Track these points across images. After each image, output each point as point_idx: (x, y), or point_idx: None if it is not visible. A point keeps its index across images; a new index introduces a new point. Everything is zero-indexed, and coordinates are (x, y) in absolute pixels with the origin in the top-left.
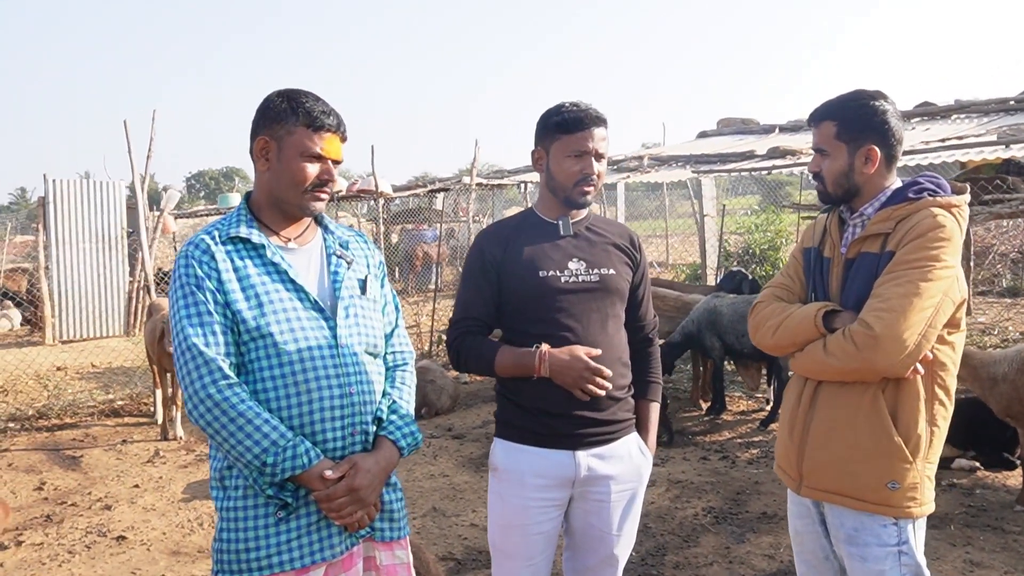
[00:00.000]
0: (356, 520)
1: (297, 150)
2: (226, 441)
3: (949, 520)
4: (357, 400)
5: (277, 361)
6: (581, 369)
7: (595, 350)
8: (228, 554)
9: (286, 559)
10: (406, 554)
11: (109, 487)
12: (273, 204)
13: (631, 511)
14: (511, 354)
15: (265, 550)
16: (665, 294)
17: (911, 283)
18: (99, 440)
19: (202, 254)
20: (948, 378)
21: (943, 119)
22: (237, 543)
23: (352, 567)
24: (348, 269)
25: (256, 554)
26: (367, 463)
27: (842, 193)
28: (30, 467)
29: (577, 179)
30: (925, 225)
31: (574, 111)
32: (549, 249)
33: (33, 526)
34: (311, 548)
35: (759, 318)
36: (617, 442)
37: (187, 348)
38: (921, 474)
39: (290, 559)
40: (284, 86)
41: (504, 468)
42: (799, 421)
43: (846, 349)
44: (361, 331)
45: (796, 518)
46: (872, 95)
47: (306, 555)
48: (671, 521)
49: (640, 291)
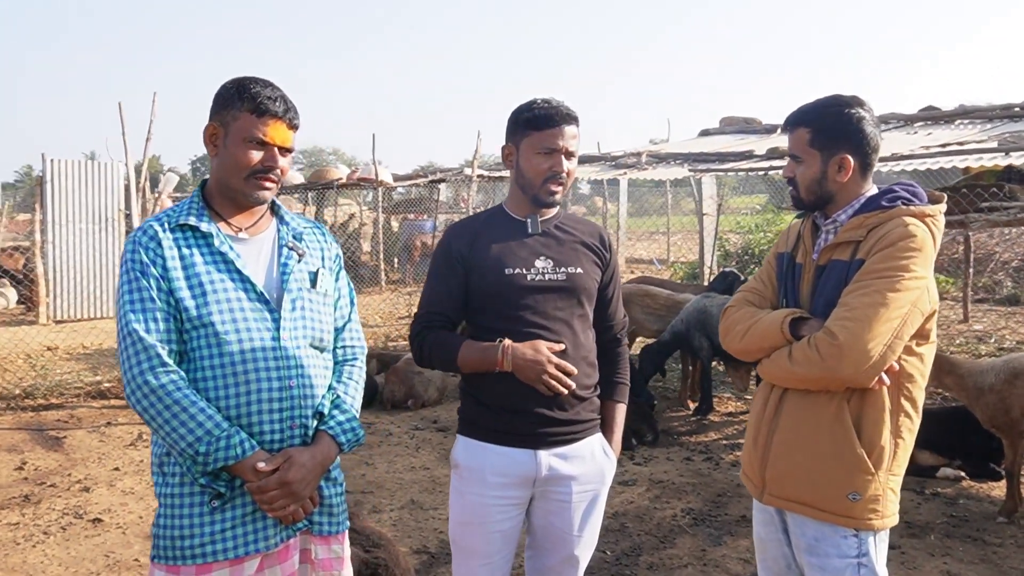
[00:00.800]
0: (289, 513)
1: (241, 135)
2: (161, 428)
3: (930, 529)
4: (297, 394)
5: (218, 351)
6: (544, 364)
7: (558, 345)
8: (164, 540)
9: (219, 548)
10: (343, 548)
11: (90, 469)
12: (222, 192)
13: (593, 512)
14: (474, 348)
15: (199, 538)
16: (656, 293)
17: (878, 293)
18: (83, 422)
19: (149, 240)
20: (915, 390)
21: (947, 124)
22: (173, 529)
23: (288, 559)
24: (299, 262)
25: (191, 542)
26: (302, 457)
27: (815, 200)
28: (12, 446)
29: (546, 176)
30: (896, 234)
31: (545, 108)
32: (516, 247)
33: (10, 506)
34: (245, 539)
35: (729, 322)
36: (580, 442)
37: (128, 334)
38: (884, 486)
39: (223, 549)
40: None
41: (465, 465)
42: (764, 428)
43: (810, 357)
44: (307, 324)
45: (760, 525)
46: (848, 102)
47: (239, 545)
48: (649, 521)
49: (609, 290)
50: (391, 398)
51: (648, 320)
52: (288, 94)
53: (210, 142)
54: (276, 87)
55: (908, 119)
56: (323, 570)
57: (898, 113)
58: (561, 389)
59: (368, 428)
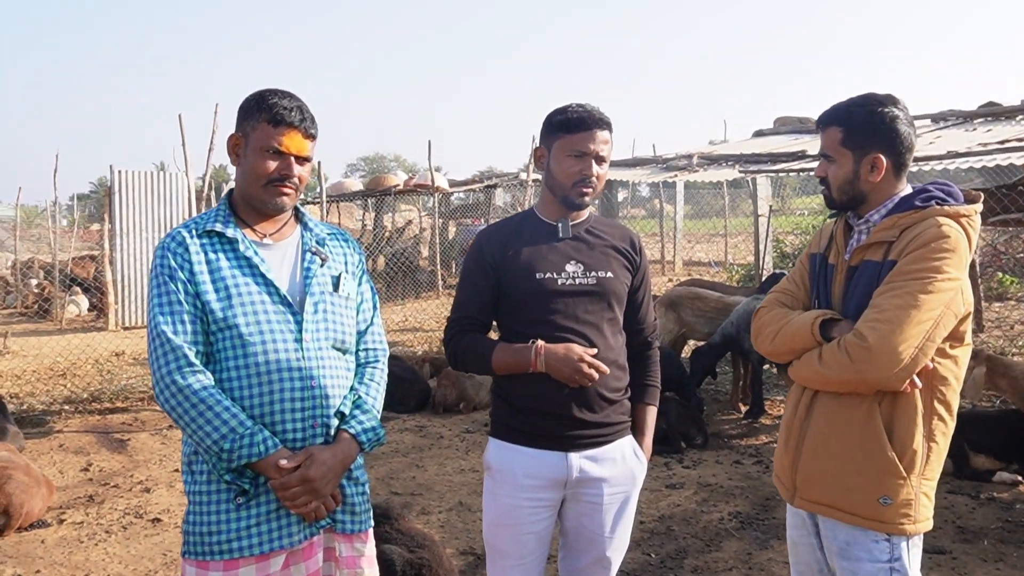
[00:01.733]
0: (311, 510)
1: (258, 145)
2: (188, 426)
3: (984, 535)
4: (319, 393)
5: (242, 352)
6: (576, 361)
7: (591, 350)
8: (193, 536)
9: (245, 544)
10: (367, 547)
11: (151, 470)
12: (246, 200)
13: (624, 513)
14: (507, 350)
15: (226, 534)
16: (706, 295)
17: (910, 294)
18: (147, 424)
19: (177, 246)
20: (949, 393)
21: (1008, 120)
22: (201, 526)
23: (312, 556)
24: (322, 266)
25: (218, 537)
26: (323, 455)
27: (847, 200)
28: (79, 448)
29: (576, 179)
30: (929, 235)
31: (578, 111)
32: (547, 251)
33: (76, 505)
34: (270, 535)
35: (760, 323)
36: (610, 444)
37: (157, 335)
38: (916, 491)
39: (249, 544)
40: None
41: (497, 467)
42: (795, 431)
43: (840, 360)
44: (329, 327)
45: (793, 528)
46: (881, 100)
47: (265, 542)
48: (695, 524)
49: (639, 294)
50: (443, 401)
51: (698, 323)
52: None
53: (233, 152)
54: (295, 97)
55: (968, 115)
56: (347, 567)
57: (957, 110)
58: (594, 377)
59: (420, 431)
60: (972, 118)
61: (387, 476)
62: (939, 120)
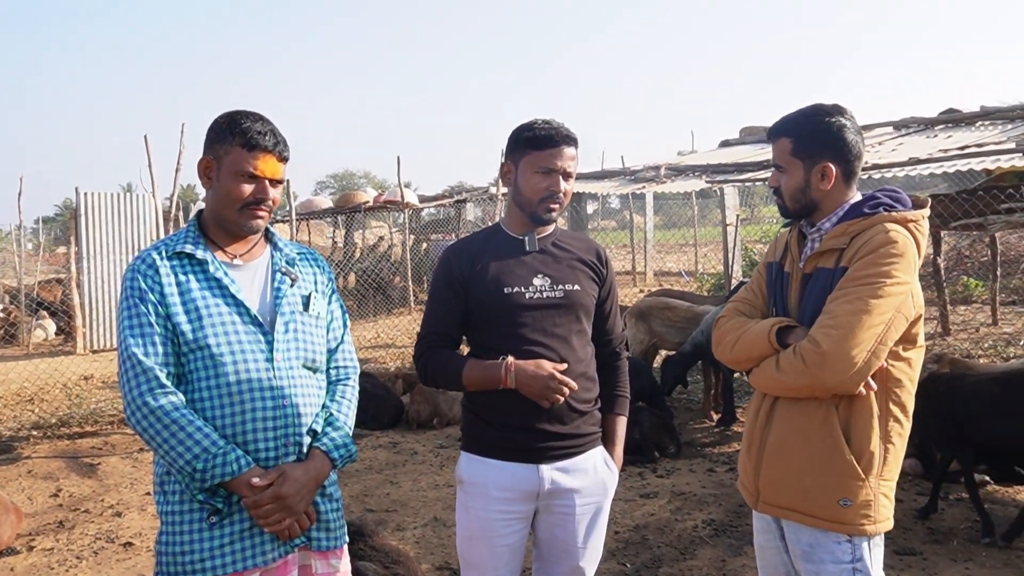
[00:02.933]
0: (285, 527)
1: (232, 169)
2: (160, 447)
3: (953, 535)
4: (291, 412)
5: (214, 372)
6: (547, 379)
7: (561, 364)
8: (166, 556)
9: (219, 563)
10: (342, 563)
11: (122, 494)
12: (217, 222)
13: (597, 524)
14: (478, 367)
15: (199, 553)
16: (676, 306)
17: (860, 300)
18: (117, 448)
19: (147, 268)
20: (904, 395)
21: (967, 126)
22: (174, 546)
23: (287, 574)
24: (292, 286)
25: (191, 557)
26: (296, 472)
27: (800, 209)
28: (48, 474)
29: (543, 195)
30: (877, 241)
31: (545, 128)
32: (514, 265)
33: (45, 531)
34: (243, 554)
35: (720, 332)
36: (582, 455)
37: (127, 357)
38: (875, 491)
39: (223, 564)
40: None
41: (469, 481)
42: (756, 437)
43: (795, 366)
44: (300, 346)
45: (759, 533)
46: (828, 111)
47: (239, 560)
48: (670, 533)
49: (607, 306)
50: (416, 417)
51: (669, 333)
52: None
53: (204, 175)
54: (267, 120)
55: (929, 123)
56: None
57: (919, 117)
58: (564, 394)
59: (393, 447)
60: (933, 125)
61: (361, 493)
62: (901, 127)
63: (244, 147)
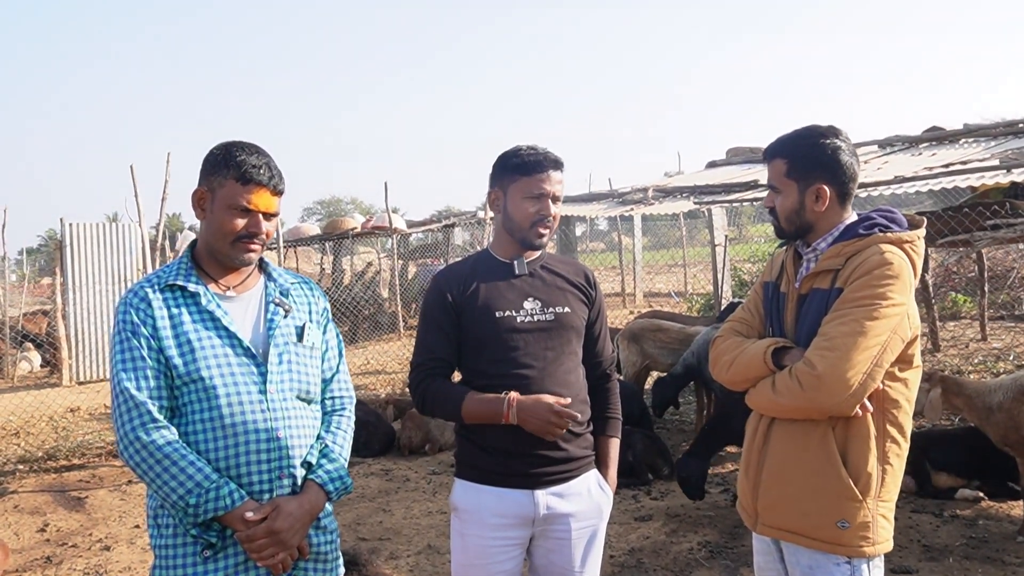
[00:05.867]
0: (278, 562)
1: (226, 202)
2: (153, 482)
3: (948, 552)
4: (284, 444)
5: (207, 405)
6: (548, 414)
7: (564, 399)
8: None
9: None
10: None
11: (111, 528)
12: (210, 253)
13: (593, 547)
14: (478, 401)
15: None
16: (667, 327)
17: (856, 321)
18: (105, 481)
19: (140, 301)
20: (901, 415)
21: (951, 144)
22: None
23: None
24: (285, 317)
25: None
26: (290, 506)
27: (795, 229)
28: (35, 509)
29: (534, 220)
30: (872, 262)
31: (533, 154)
32: (505, 289)
33: (32, 568)
34: None
35: (716, 352)
36: (576, 480)
37: (120, 391)
38: (873, 513)
39: None
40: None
41: (464, 508)
42: (754, 458)
43: (791, 388)
44: (294, 377)
45: (759, 554)
46: (823, 132)
47: None
48: (665, 556)
49: (596, 327)
50: (408, 444)
51: (661, 354)
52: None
53: (198, 206)
54: (263, 153)
55: (913, 140)
56: None
57: (903, 135)
58: (565, 427)
59: (386, 475)
60: (917, 143)
61: (354, 522)
62: (886, 146)
63: (238, 180)
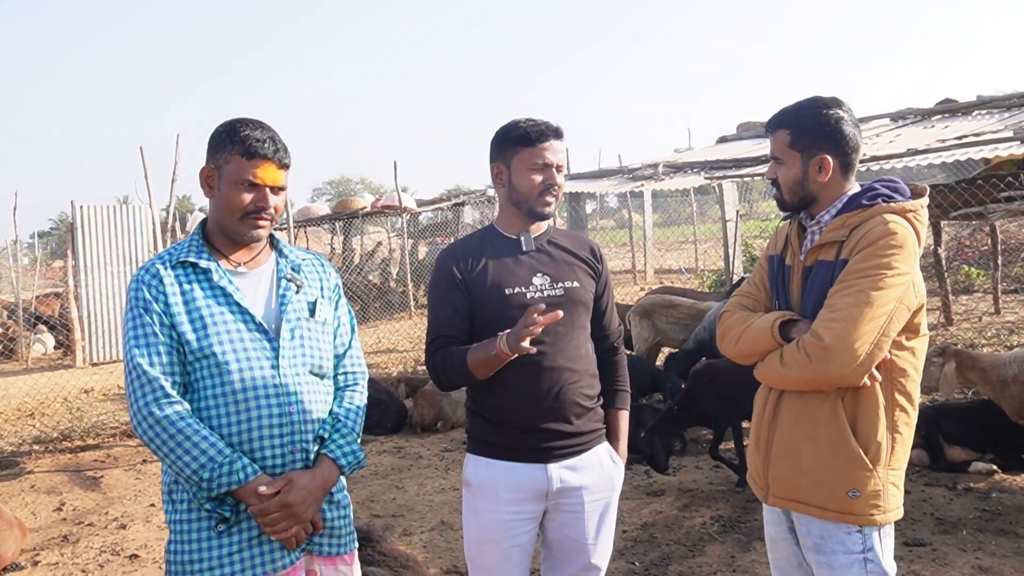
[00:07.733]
0: (291, 535)
1: (232, 178)
2: (167, 457)
3: (962, 525)
4: (297, 419)
5: (219, 380)
6: (522, 328)
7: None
8: (175, 564)
9: (228, 572)
10: (351, 569)
11: (126, 506)
12: (220, 230)
13: (606, 520)
14: (478, 347)
15: (208, 562)
16: (679, 303)
17: (861, 292)
18: (120, 460)
19: (152, 278)
20: (909, 384)
21: (964, 116)
22: (183, 555)
23: None
24: (297, 292)
25: (200, 565)
26: (303, 480)
27: (798, 201)
28: (51, 488)
29: (540, 190)
30: (876, 233)
31: (534, 125)
32: (513, 265)
33: (50, 546)
34: (252, 562)
35: (724, 327)
36: (588, 453)
37: (133, 368)
38: (884, 481)
39: (232, 572)
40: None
41: (477, 483)
42: (764, 430)
43: (799, 360)
44: (306, 352)
45: (770, 525)
46: (827, 103)
47: (247, 568)
48: (678, 530)
49: (603, 301)
50: (420, 421)
51: (673, 330)
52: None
53: (206, 184)
54: (267, 128)
55: (926, 113)
56: None
57: (915, 108)
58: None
59: (398, 452)
60: (930, 115)
61: (367, 499)
62: (898, 119)
63: (243, 155)
